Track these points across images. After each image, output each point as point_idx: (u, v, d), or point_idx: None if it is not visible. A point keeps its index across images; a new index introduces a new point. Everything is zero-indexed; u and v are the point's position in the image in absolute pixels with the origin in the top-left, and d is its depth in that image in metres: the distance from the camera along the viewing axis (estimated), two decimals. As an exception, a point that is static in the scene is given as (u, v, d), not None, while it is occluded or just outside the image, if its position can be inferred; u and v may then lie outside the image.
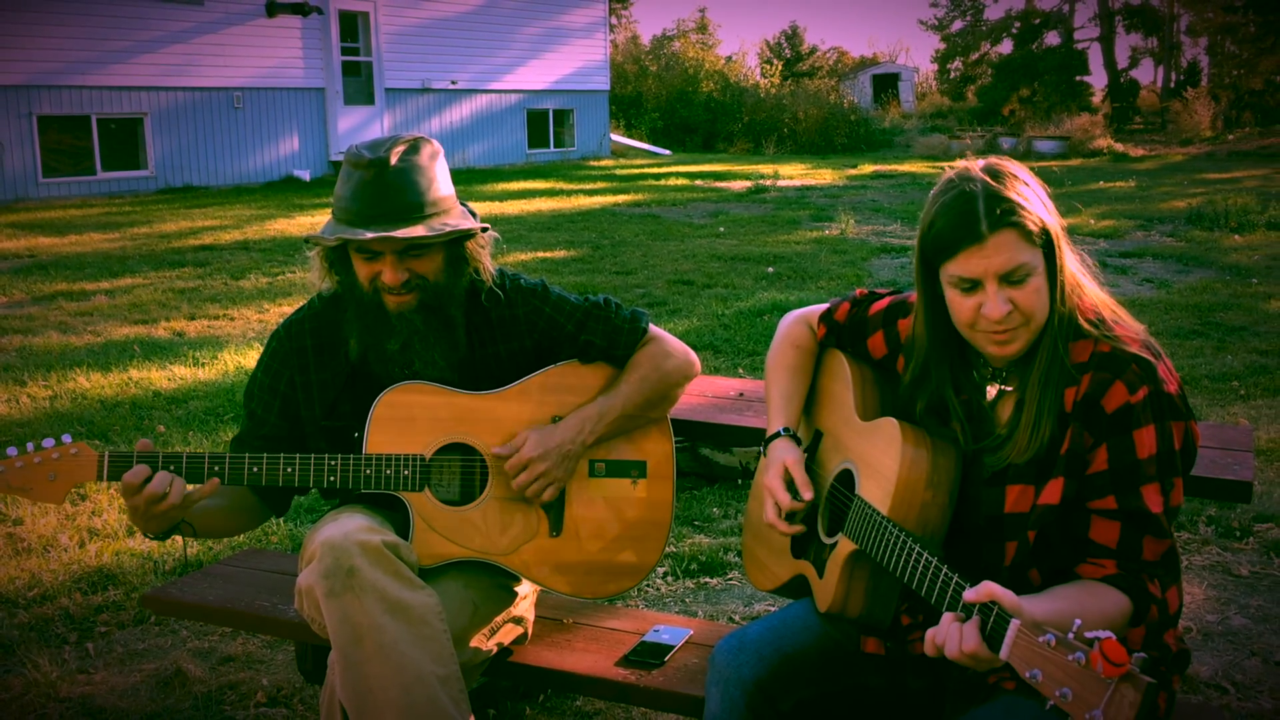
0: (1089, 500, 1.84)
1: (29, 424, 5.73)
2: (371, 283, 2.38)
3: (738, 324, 7.78)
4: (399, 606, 2.20)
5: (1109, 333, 1.86)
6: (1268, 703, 3.11)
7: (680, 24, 52.14)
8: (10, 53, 16.54)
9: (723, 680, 2.09)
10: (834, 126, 29.52)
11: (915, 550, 1.82)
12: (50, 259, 11.01)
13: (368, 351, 2.46)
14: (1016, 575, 1.90)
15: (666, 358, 2.55)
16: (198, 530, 2.41)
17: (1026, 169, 1.89)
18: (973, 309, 1.85)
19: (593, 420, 2.47)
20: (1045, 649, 1.45)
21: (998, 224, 1.79)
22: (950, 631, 1.62)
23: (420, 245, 2.35)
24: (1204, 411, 5.73)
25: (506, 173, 21.88)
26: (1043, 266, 1.83)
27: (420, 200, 2.34)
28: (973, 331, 1.88)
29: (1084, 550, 1.84)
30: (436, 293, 2.41)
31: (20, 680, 3.26)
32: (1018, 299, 1.82)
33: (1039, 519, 1.86)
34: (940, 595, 1.75)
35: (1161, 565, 1.82)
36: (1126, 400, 1.80)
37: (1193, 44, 40.57)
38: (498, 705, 3.11)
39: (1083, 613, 1.68)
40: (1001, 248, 1.80)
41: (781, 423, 2.26)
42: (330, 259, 2.45)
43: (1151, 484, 1.81)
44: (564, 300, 2.56)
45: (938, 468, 1.94)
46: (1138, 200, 15.29)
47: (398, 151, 2.35)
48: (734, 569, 4.02)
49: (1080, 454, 1.84)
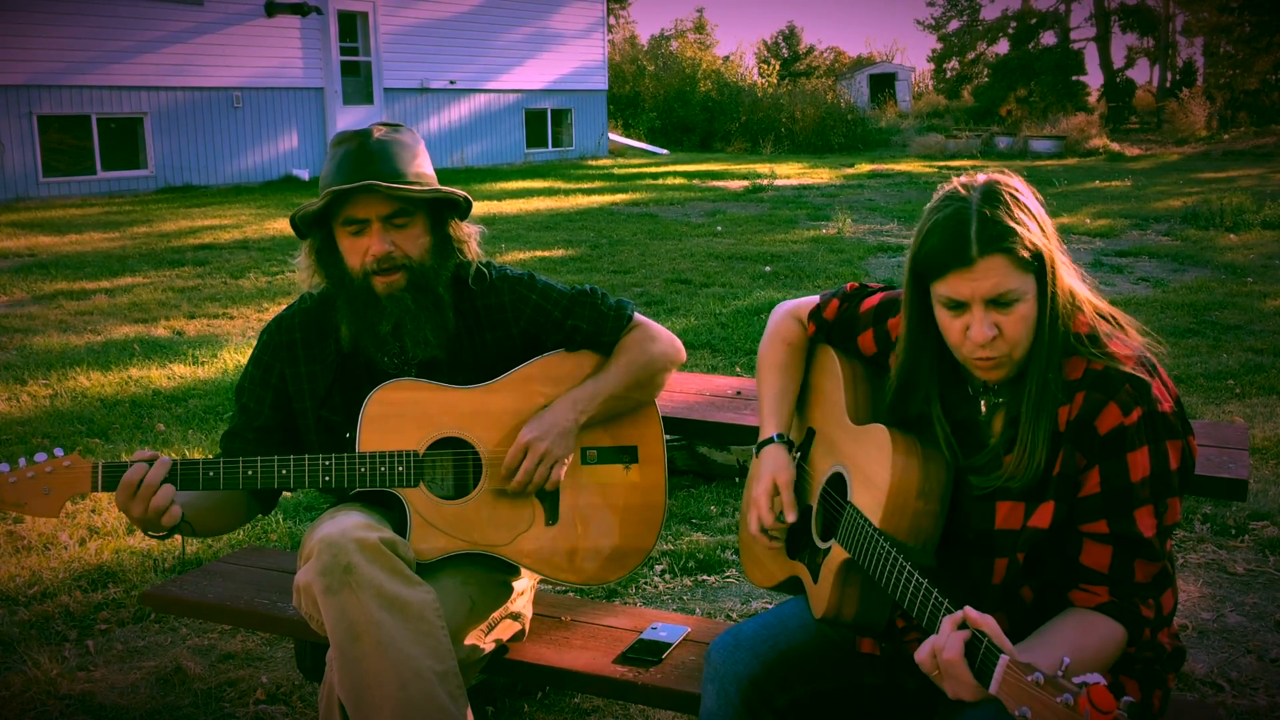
0: (1080, 523, 1.82)
1: (29, 423, 5.74)
2: (362, 268, 2.41)
3: (735, 323, 7.79)
4: (396, 603, 2.21)
5: (1103, 350, 1.83)
6: (1263, 699, 3.12)
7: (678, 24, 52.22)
8: (10, 53, 16.54)
9: (719, 677, 2.10)
10: (831, 126, 29.50)
11: (905, 568, 1.80)
12: (50, 258, 11.01)
13: (360, 338, 2.48)
14: (1007, 594, 1.90)
15: (652, 341, 2.58)
16: (196, 529, 2.43)
17: (1028, 187, 1.85)
18: (960, 330, 1.84)
19: (584, 400, 2.49)
20: (1033, 688, 1.45)
21: (988, 249, 1.76)
22: (945, 635, 1.62)
23: (405, 213, 2.40)
24: (1199, 410, 5.75)
25: (504, 172, 21.88)
26: (1034, 292, 1.81)
27: (403, 170, 2.40)
28: (961, 352, 1.87)
29: (1075, 575, 1.83)
30: (424, 273, 2.44)
31: (20, 677, 3.27)
32: (1004, 324, 1.80)
33: (1027, 541, 1.85)
34: (931, 619, 1.73)
35: (1154, 586, 1.81)
36: (1120, 422, 1.78)
37: (1188, 44, 40.58)
38: (496, 702, 3.12)
39: (1078, 654, 1.68)
40: (990, 272, 1.77)
41: (774, 427, 2.25)
42: (319, 253, 2.48)
43: (1145, 507, 1.79)
44: (550, 288, 2.59)
45: (929, 476, 1.93)
46: (1133, 199, 15.31)
47: (380, 129, 2.44)
48: (731, 566, 4.03)
49: (1072, 476, 1.82)
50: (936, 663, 1.62)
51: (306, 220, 2.44)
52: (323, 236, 2.47)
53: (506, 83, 24.65)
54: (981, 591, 1.91)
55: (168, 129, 18.67)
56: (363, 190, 2.35)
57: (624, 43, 38.95)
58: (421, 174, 2.43)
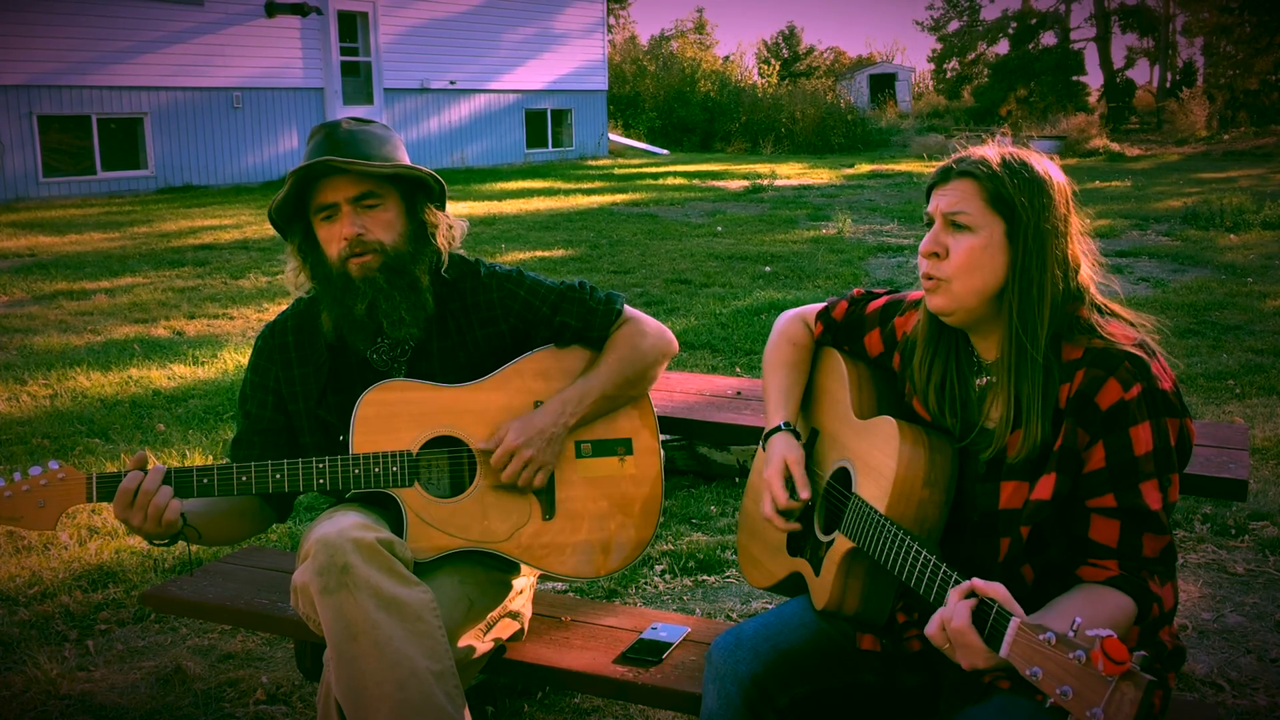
0: (1087, 499, 1.84)
1: (29, 423, 5.74)
2: (339, 255, 2.42)
3: (735, 323, 7.79)
4: (393, 603, 2.21)
5: (1104, 332, 1.88)
6: (1263, 699, 3.12)
7: (678, 24, 52.26)
8: (10, 53, 16.55)
9: (719, 677, 2.10)
10: (831, 126, 29.52)
11: (913, 547, 1.83)
12: (50, 258, 11.02)
13: (340, 324, 2.48)
14: (1009, 571, 1.91)
15: (642, 336, 2.58)
16: (203, 536, 2.41)
17: (1054, 179, 1.91)
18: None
19: (573, 402, 2.49)
20: (1045, 646, 1.45)
21: (963, 174, 1.91)
22: (951, 605, 1.64)
23: (373, 195, 2.40)
24: (1200, 410, 5.75)
25: (504, 172, 21.89)
26: (997, 239, 1.88)
27: (369, 154, 2.41)
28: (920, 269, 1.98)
29: (1084, 550, 1.85)
30: (398, 256, 2.44)
31: (21, 677, 3.27)
32: (951, 246, 1.90)
33: (1031, 515, 1.87)
34: (940, 593, 1.76)
35: (1161, 561, 1.83)
36: (1121, 397, 1.81)
37: (1188, 44, 40.59)
38: (496, 702, 3.12)
39: (1087, 620, 1.70)
40: (955, 190, 1.91)
41: (782, 417, 2.26)
42: (302, 250, 2.49)
43: (1150, 480, 1.82)
44: (539, 284, 2.59)
45: (935, 465, 1.96)
46: (1133, 200, 15.31)
47: (350, 122, 2.46)
48: (731, 566, 4.03)
49: (1074, 451, 1.85)
50: (946, 635, 1.64)
51: (284, 214, 2.46)
52: (304, 233, 2.48)
53: (506, 83, 24.66)
54: (985, 573, 1.91)
55: (168, 129, 18.67)
56: (323, 169, 2.36)
57: (624, 43, 38.96)
58: (390, 158, 2.44)
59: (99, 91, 17.73)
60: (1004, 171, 1.88)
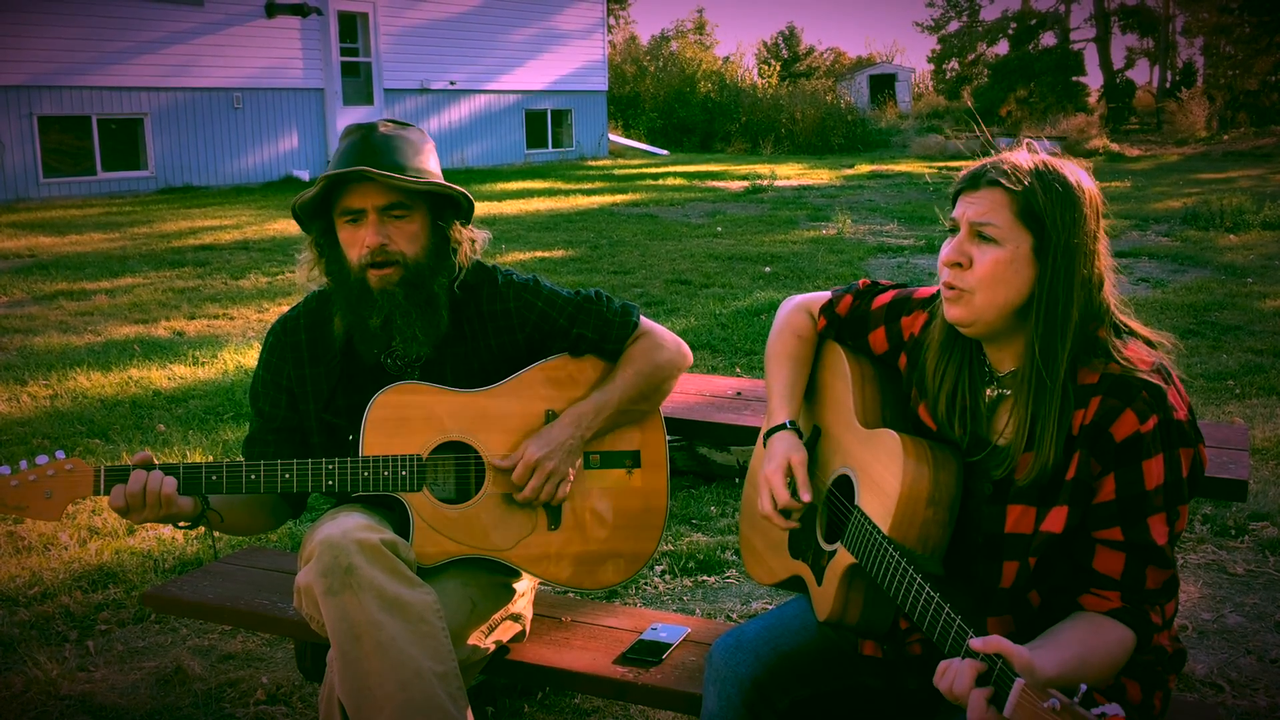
0: (1094, 530, 1.82)
1: (29, 423, 5.74)
2: (359, 261, 2.41)
3: (735, 323, 7.79)
4: (397, 604, 2.21)
5: (1121, 355, 1.83)
6: (1263, 700, 3.12)
7: (678, 24, 52.17)
8: (10, 53, 16.55)
9: (720, 679, 2.09)
10: (831, 127, 29.50)
11: (916, 581, 1.80)
12: (50, 259, 11.02)
13: (352, 333, 2.48)
14: (1015, 598, 1.89)
15: (659, 350, 2.57)
16: (224, 519, 2.41)
17: (1086, 191, 1.87)
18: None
19: (589, 416, 2.49)
20: (1050, 715, 1.45)
21: (994, 183, 1.84)
22: (955, 667, 1.62)
23: (402, 206, 2.39)
24: (1199, 410, 5.75)
25: (505, 173, 21.89)
26: (1024, 254, 1.82)
27: (404, 164, 2.40)
28: (941, 277, 1.91)
29: (1087, 579, 1.82)
30: (419, 270, 2.43)
31: (21, 678, 3.27)
32: (976, 257, 1.84)
33: (1040, 546, 1.84)
34: (943, 635, 1.73)
35: (1164, 592, 1.82)
36: (1136, 430, 1.77)
37: (1188, 44, 40.57)
38: (496, 703, 3.12)
39: (1088, 655, 1.70)
40: (984, 199, 1.84)
41: (785, 415, 2.22)
42: (320, 246, 2.48)
43: (1158, 514, 1.79)
44: (556, 294, 2.58)
45: (939, 484, 1.92)
46: (1133, 200, 15.31)
47: (388, 125, 2.45)
48: (731, 567, 4.03)
49: (1086, 482, 1.81)
50: (953, 693, 1.63)
51: (308, 210, 2.45)
52: (324, 229, 2.47)
53: (507, 83, 24.66)
54: (988, 595, 1.91)
55: (168, 129, 18.67)
56: (357, 177, 2.35)
57: (624, 43, 38.96)
58: (424, 170, 2.43)
59: (99, 92, 17.73)
60: (1036, 183, 1.82)
